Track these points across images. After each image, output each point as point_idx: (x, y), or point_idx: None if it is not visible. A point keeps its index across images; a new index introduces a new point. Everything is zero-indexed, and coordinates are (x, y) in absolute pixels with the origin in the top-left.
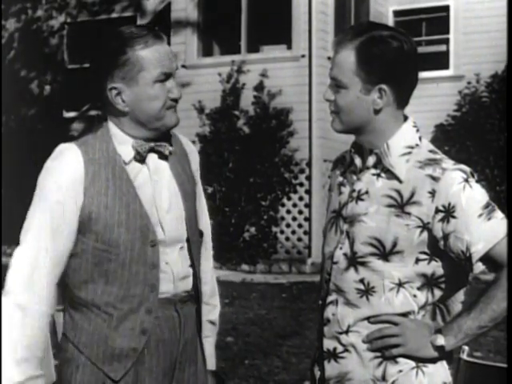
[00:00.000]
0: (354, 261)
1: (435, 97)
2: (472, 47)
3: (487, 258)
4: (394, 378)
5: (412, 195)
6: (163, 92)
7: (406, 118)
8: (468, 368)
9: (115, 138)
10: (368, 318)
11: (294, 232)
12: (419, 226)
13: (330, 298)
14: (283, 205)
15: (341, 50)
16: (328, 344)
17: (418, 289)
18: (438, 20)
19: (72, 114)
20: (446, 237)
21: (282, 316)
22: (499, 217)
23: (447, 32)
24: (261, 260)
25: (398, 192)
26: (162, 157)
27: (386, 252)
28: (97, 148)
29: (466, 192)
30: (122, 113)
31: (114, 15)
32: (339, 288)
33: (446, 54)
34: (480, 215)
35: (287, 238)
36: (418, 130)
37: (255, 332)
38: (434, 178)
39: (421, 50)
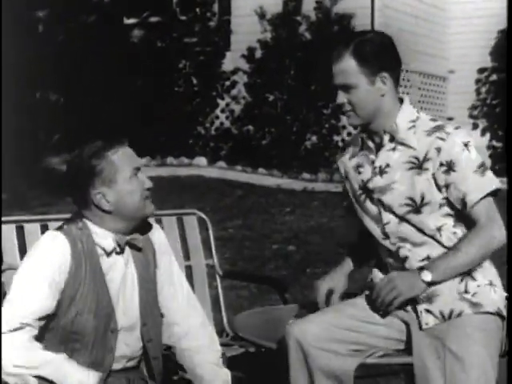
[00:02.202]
0: (398, 218)
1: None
2: None
3: (476, 207)
4: (475, 290)
5: (426, 154)
6: (139, 184)
7: (401, 100)
8: None
9: (96, 234)
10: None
11: None
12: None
13: (403, 252)
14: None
15: (339, 60)
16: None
17: (454, 226)
18: None
19: (132, 21)
20: (447, 186)
21: (343, 224)
22: (490, 175)
23: None
24: (322, 168)
25: (415, 157)
26: (135, 248)
27: (417, 206)
28: (80, 240)
29: (465, 153)
30: (107, 211)
31: None
32: (401, 237)
33: None
34: (475, 171)
35: None
36: (414, 107)
37: (316, 240)
38: (441, 139)
39: None
